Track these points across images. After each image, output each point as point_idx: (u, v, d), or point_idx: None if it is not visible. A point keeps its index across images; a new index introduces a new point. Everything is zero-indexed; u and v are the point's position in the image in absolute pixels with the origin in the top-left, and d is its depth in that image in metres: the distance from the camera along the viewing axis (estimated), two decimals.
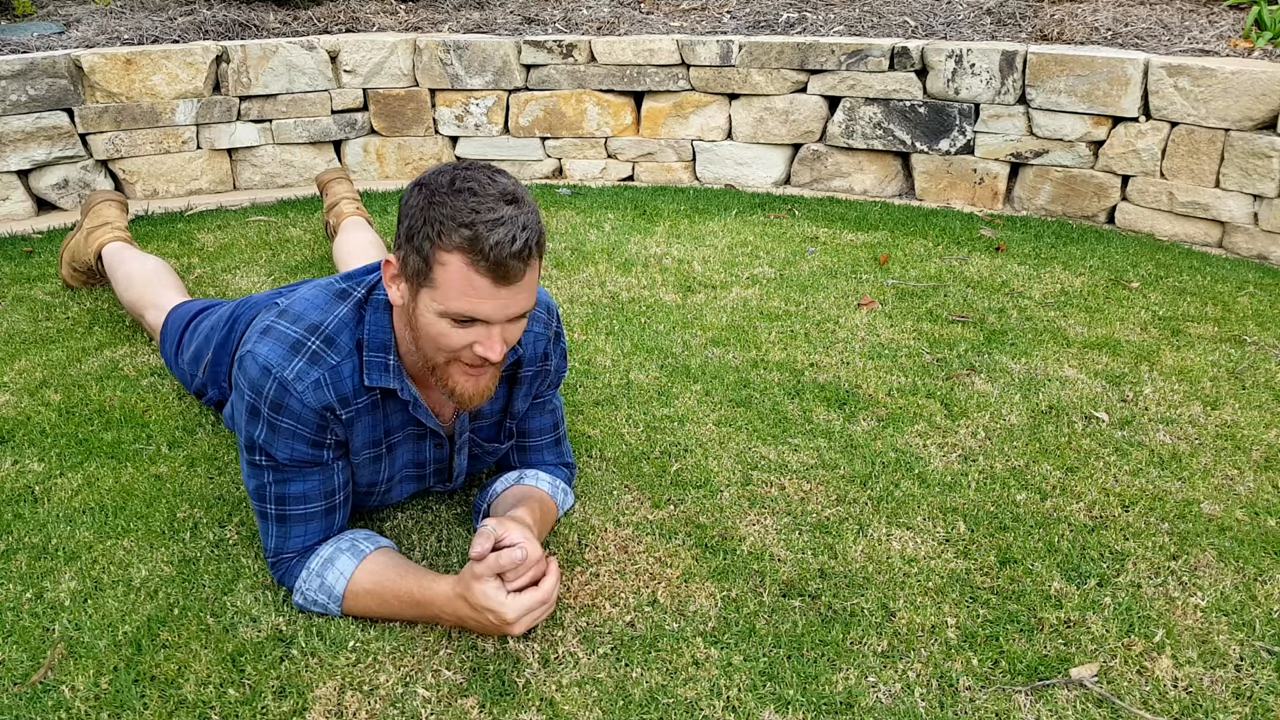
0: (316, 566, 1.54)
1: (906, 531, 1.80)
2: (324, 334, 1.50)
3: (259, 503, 1.56)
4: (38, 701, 1.38)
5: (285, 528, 1.56)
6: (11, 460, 2.01)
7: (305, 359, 1.48)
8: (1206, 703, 1.41)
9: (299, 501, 1.54)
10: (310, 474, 1.54)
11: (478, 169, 1.37)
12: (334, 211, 3.00)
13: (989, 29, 4.14)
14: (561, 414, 1.83)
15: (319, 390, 1.48)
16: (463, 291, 1.34)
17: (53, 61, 3.67)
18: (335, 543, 1.57)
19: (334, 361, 1.49)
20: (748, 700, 1.40)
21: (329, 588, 1.53)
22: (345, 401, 1.51)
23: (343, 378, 1.50)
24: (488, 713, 1.38)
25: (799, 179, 4.24)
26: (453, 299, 1.35)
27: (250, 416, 1.50)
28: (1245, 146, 3.31)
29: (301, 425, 1.49)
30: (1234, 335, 2.68)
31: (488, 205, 1.32)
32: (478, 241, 1.31)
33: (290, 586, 1.57)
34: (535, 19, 4.61)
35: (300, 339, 1.49)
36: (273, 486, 1.53)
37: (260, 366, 1.47)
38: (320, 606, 1.55)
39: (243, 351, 1.51)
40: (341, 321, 1.51)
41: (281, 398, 1.46)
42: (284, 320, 1.52)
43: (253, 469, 1.54)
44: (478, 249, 1.31)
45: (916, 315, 2.79)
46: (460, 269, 1.33)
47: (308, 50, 4.10)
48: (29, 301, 2.86)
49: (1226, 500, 1.91)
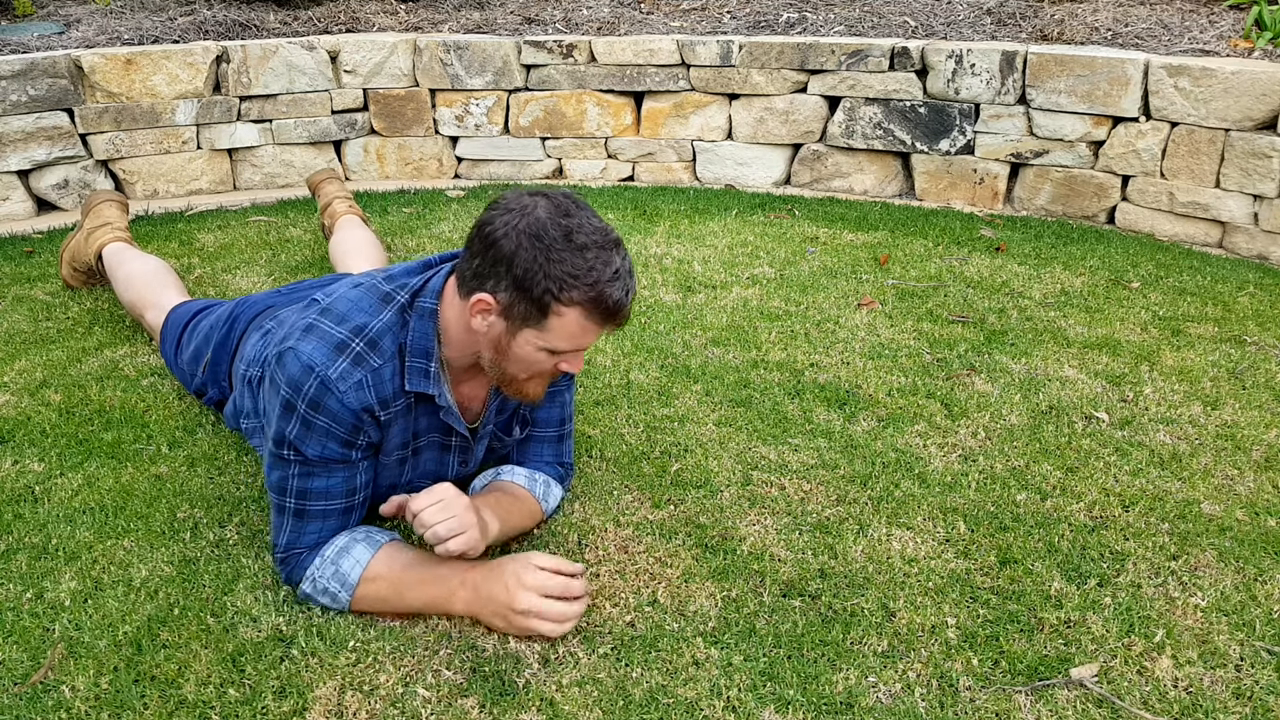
0: (331, 554, 1.55)
1: (906, 531, 1.80)
2: (368, 336, 1.52)
3: (278, 496, 1.56)
4: (38, 701, 1.39)
5: (302, 523, 1.56)
6: (11, 460, 2.01)
7: (349, 360, 1.49)
8: (1206, 703, 1.41)
9: (320, 497, 1.55)
10: (336, 471, 1.54)
11: (576, 211, 1.43)
12: (328, 211, 3.00)
13: (989, 29, 4.14)
14: (570, 411, 1.84)
15: (360, 391, 1.49)
16: (574, 335, 1.45)
17: (53, 61, 3.67)
18: (350, 534, 1.58)
19: (376, 364, 1.51)
20: (748, 700, 1.40)
21: (343, 575, 1.53)
22: (385, 404, 1.53)
23: (384, 380, 1.52)
24: (488, 713, 1.38)
25: (799, 179, 4.24)
26: (561, 341, 1.45)
27: (284, 411, 1.50)
28: (1245, 146, 3.31)
29: (337, 424, 1.50)
30: (1234, 335, 2.68)
31: (604, 260, 1.41)
32: (601, 300, 1.41)
33: (298, 578, 1.57)
34: (535, 19, 4.62)
35: (345, 340, 1.51)
36: (296, 480, 1.53)
37: (303, 364, 1.48)
38: (329, 596, 1.54)
39: (283, 348, 1.52)
40: (385, 325, 1.53)
41: (321, 396, 1.48)
42: (328, 320, 1.53)
43: (278, 462, 1.54)
44: (600, 306, 1.42)
45: (916, 315, 2.79)
46: (577, 319, 1.43)
47: (308, 50, 4.10)
48: (29, 301, 2.86)
49: (1226, 500, 1.91)
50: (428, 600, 1.53)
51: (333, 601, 1.55)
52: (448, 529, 1.48)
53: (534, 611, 1.46)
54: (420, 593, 1.53)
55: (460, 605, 1.52)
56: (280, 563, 1.59)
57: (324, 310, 1.55)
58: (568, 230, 1.41)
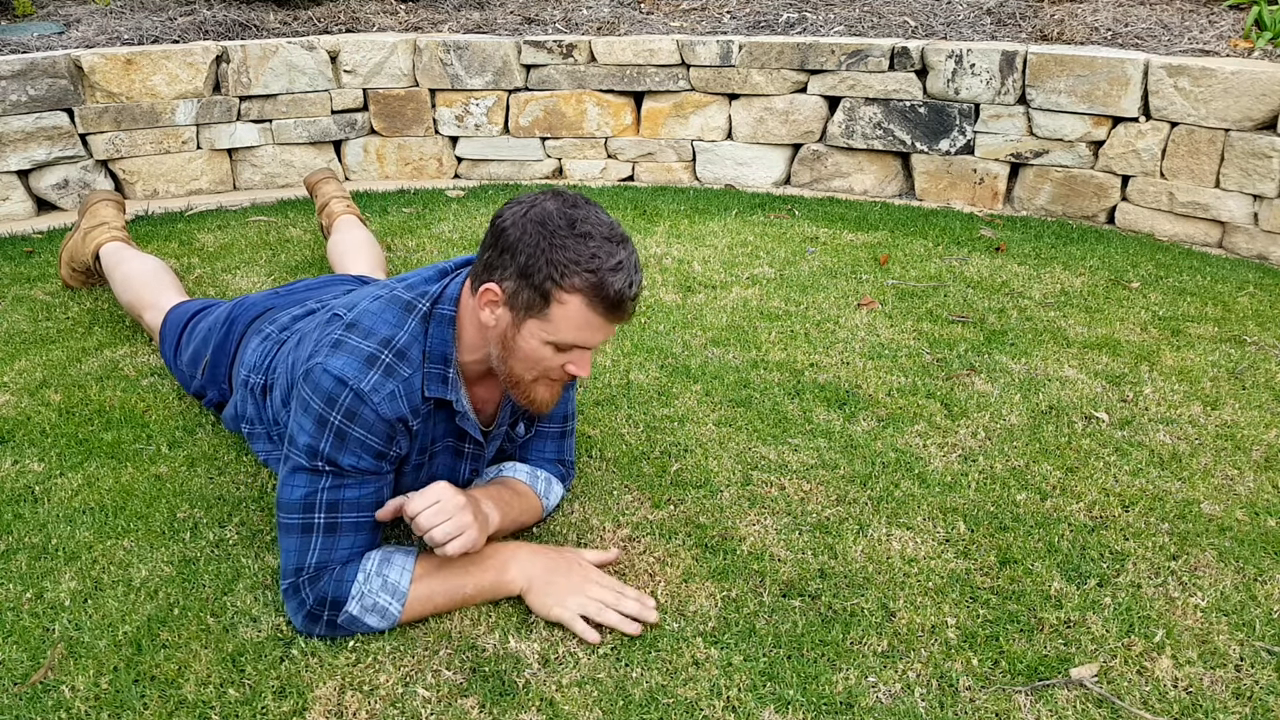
0: (373, 567, 1.51)
1: (906, 531, 1.80)
2: (396, 348, 1.52)
3: (303, 514, 1.49)
4: (38, 701, 1.38)
5: (334, 538, 1.50)
6: (11, 460, 2.01)
7: (380, 372, 1.50)
8: (1206, 703, 1.41)
9: (353, 509, 1.51)
10: (368, 482, 1.52)
11: (584, 205, 1.45)
12: (325, 212, 3.00)
13: (989, 29, 4.14)
14: (572, 410, 1.85)
15: (394, 402, 1.50)
16: (578, 327, 1.44)
17: (53, 61, 3.67)
18: (381, 549, 1.56)
19: (406, 374, 1.52)
20: (748, 700, 1.40)
21: (393, 585, 1.50)
22: (416, 412, 1.54)
23: (414, 389, 1.53)
24: (488, 713, 1.38)
25: (799, 179, 4.24)
26: (566, 333, 1.45)
27: (317, 426, 1.48)
28: (1245, 147, 3.31)
29: (372, 435, 1.49)
30: (1234, 335, 2.68)
31: (607, 250, 1.42)
32: (602, 288, 1.41)
33: (344, 595, 1.48)
34: (535, 19, 4.62)
35: (374, 353, 1.51)
36: (326, 494, 1.49)
37: (335, 379, 1.47)
38: (378, 613, 1.50)
39: (310, 365, 1.51)
40: (412, 335, 1.54)
41: (356, 408, 1.47)
42: (355, 335, 1.53)
43: (310, 475, 1.49)
44: (601, 294, 1.41)
45: (916, 315, 2.79)
46: (580, 309, 1.43)
47: (308, 50, 4.10)
48: (29, 301, 2.86)
49: (1226, 500, 1.91)
50: (478, 591, 1.56)
51: (381, 619, 1.50)
52: (444, 533, 1.48)
53: (609, 603, 1.53)
54: (468, 584, 1.55)
55: (518, 579, 1.57)
56: (308, 583, 1.48)
57: (350, 325, 1.54)
58: (573, 220, 1.42)
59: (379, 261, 2.67)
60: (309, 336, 1.71)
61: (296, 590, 1.49)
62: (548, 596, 1.55)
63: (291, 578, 1.49)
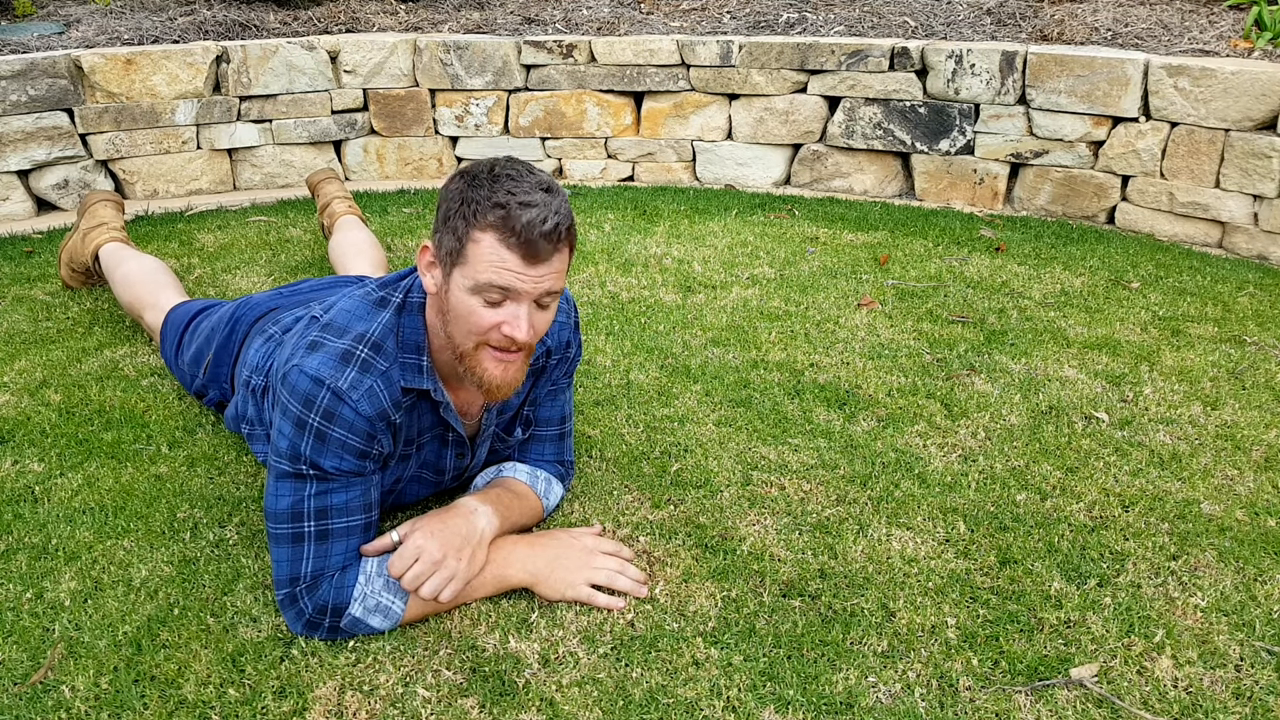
0: (374, 568, 1.51)
1: (906, 531, 1.80)
2: (371, 341, 1.51)
3: (292, 523, 1.48)
4: (38, 701, 1.38)
5: (326, 545, 1.49)
6: (11, 460, 2.01)
7: (357, 368, 1.48)
8: (1206, 703, 1.41)
9: (341, 514, 1.50)
10: (354, 484, 1.51)
11: (518, 162, 1.45)
12: (326, 212, 3.00)
13: (989, 29, 4.14)
14: (570, 410, 1.84)
15: (373, 398, 1.48)
16: (492, 264, 1.40)
17: (53, 62, 3.67)
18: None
19: (384, 367, 1.51)
20: (748, 700, 1.40)
21: (395, 583, 1.50)
22: (397, 405, 1.53)
23: (393, 382, 1.52)
24: (488, 713, 1.38)
25: (799, 179, 4.24)
26: (483, 271, 1.40)
27: (296, 429, 1.47)
28: (1245, 147, 3.31)
29: (352, 435, 1.48)
30: (1234, 335, 2.68)
31: (523, 189, 1.40)
32: (510, 220, 1.38)
33: (345, 600, 1.48)
34: (535, 19, 4.62)
35: (349, 349, 1.50)
36: (313, 500, 1.48)
37: (311, 379, 1.46)
38: (382, 613, 1.50)
39: (287, 368, 1.50)
40: (386, 327, 1.53)
41: (335, 407, 1.46)
42: (329, 334, 1.52)
43: (295, 482, 1.48)
44: (509, 226, 1.38)
45: (916, 315, 2.79)
46: (492, 244, 1.39)
47: (308, 50, 4.10)
48: (29, 301, 2.86)
49: (1226, 500, 1.91)
50: (483, 585, 1.57)
51: (385, 619, 1.50)
52: (433, 588, 1.49)
53: (613, 568, 1.60)
54: (476, 580, 1.56)
55: (521, 574, 1.59)
56: (306, 593, 1.48)
57: (324, 326, 1.54)
58: (494, 166, 1.43)
59: (380, 262, 2.67)
60: (289, 340, 1.71)
61: (294, 600, 1.48)
62: (558, 582, 1.58)
63: (287, 587, 1.49)
